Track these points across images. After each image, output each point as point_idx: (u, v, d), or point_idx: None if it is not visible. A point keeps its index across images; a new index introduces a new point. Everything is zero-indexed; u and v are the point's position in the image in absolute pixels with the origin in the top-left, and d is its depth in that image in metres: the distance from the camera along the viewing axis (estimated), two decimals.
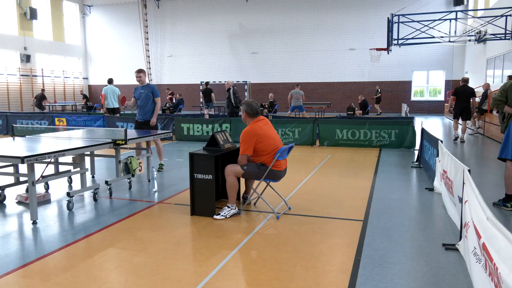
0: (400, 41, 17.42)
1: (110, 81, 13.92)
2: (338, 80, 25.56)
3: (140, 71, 7.50)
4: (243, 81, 26.10)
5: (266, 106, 19.44)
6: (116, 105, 13.83)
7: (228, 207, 4.99)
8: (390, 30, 17.33)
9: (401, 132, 10.68)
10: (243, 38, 26.98)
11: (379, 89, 22.60)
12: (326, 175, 7.51)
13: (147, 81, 7.67)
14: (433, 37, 17.16)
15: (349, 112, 19.43)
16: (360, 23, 24.80)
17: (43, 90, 22.00)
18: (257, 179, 5.07)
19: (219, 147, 5.19)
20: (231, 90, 12.93)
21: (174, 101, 23.03)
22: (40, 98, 21.27)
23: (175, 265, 3.63)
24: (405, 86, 24.82)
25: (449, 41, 17.91)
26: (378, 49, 19.68)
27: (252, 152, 4.89)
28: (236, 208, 5.04)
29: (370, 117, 14.32)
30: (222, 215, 4.91)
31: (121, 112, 15.05)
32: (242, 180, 5.43)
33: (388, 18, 17.51)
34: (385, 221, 4.82)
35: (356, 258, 3.76)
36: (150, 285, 3.26)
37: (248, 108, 4.97)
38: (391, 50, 18.28)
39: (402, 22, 17.23)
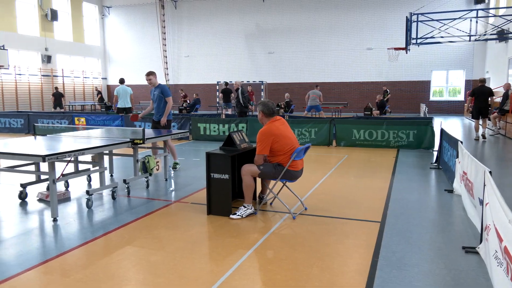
0: (419, 40, 17.17)
1: (122, 81, 14.07)
2: (355, 80, 25.35)
3: (149, 74, 7.60)
4: (259, 81, 26.11)
5: (282, 106, 19.40)
6: (129, 105, 13.99)
7: (245, 206, 5.00)
8: (408, 29, 17.10)
9: (419, 133, 10.52)
10: (260, 38, 26.99)
11: (387, 90, 22.15)
12: (342, 176, 7.46)
13: (158, 81, 7.78)
14: (453, 36, 16.85)
15: (366, 112, 19.24)
16: (378, 22, 24.53)
17: (56, 88, 22.33)
18: (274, 179, 5.07)
19: (236, 147, 5.21)
20: (240, 90, 13.12)
21: (188, 102, 23.21)
22: (60, 96, 21.67)
23: (192, 264, 3.65)
24: (424, 86, 24.45)
25: (469, 40, 17.55)
26: (396, 49, 19.44)
27: (268, 152, 4.89)
28: (252, 208, 5.05)
29: (388, 117, 14.15)
30: (238, 215, 4.92)
31: (133, 112, 15.19)
32: (258, 180, 5.43)
33: (406, 17, 17.28)
34: (403, 223, 4.76)
35: (373, 260, 3.72)
36: (167, 283, 3.30)
37: (265, 108, 4.97)
38: (409, 50, 18.03)
39: (421, 21, 16.98)
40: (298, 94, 24.49)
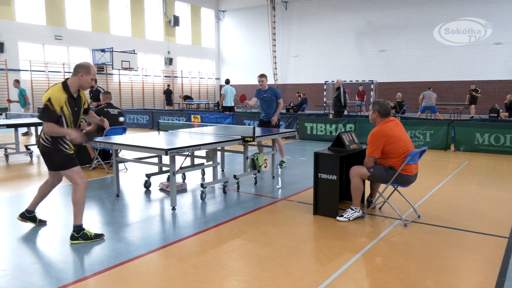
0: None
1: (228, 81, 15.09)
2: (479, 78, 22.84)
3: (262, 76, 7.95)
4: (369, 80, 25.17)
5: (394, 105, 18.44)
6: (232, 104, 14.87)
7: (352, 209, 4.87)
8: None
9: None
10: (371, 36, 25.96)
11: (477, 89, 19.43)
12: (462, 183, 6.81)
13: (267, 84, 8.02)
14: None
15: (492, 114, 17.28)
16: (509, 13, 21.78)
17: (168, 85, 24.53)
18: (384, 183, 4.84)
19: (345, 148, 5.10)
20: (341, 89, 12.82)
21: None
22: (170, 93, 23.86)
23: (298, 262, 3.67)
24: None
25: None
26: None
27: (380, 154, 4.69)
28: (360, 211, 4.90)
29: None
30: (345, 217, 4.82)
31: (236, 111, 16.15)
32: (367, 183, 5.24)
33: None
34: None
35: (499, 280, 3.33)
36: (274, 278, 3.37)
37: (381, 108, 4.77)
38: None
39: None
40: (411, 94, 23.02)
